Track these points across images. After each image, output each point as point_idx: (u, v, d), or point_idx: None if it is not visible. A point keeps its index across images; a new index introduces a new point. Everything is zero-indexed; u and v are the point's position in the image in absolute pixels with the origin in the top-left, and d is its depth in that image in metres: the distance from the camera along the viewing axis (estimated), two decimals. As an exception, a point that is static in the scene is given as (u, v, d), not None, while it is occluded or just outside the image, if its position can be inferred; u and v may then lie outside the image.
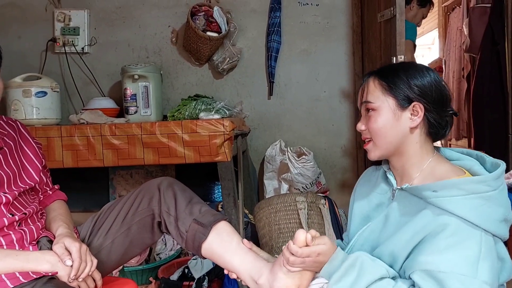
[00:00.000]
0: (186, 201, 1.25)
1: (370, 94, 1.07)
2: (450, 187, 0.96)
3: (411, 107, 1.03)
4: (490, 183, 0.96)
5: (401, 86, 1.04)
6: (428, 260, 0.92)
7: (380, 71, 1.09)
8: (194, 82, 2.80)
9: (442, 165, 1.05)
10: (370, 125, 1.07)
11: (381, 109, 1.05)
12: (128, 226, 1.29)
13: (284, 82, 2.77)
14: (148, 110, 2.42)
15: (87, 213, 2.75)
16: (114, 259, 1.33)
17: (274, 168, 2.59)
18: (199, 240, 1.22)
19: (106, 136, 2.02)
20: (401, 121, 1.04)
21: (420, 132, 1.05)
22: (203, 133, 1.99)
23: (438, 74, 1.08)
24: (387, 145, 1.06)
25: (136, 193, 1.32)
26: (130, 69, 2.41)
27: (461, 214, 0.93)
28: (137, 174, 2.79)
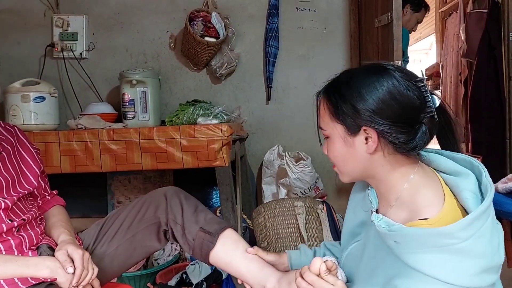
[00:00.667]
0: (192, 210, 1.27)
1: (321, 120, 0.95)
2: (410, 239, 0.82)
3: (362, 132, 0.89)
4: (456, 234, 0.79)
5: (345, 111, 0.89)
6: None
7: (327, 90, 0.95)
8: (192, 87, 2.80)
9: (419, 193, 0.88)
10: (329, 153, 0.96)
11: (332, 136, 0.93)
12: (133, 234, 1.31)
13: (282, 87, 2.77)
14: (146, 115, 2.42)
15: (85, 218, 2.75)
16: (116, 266, 1.34)
17: (272, 173, 2.60)
18: (206, 249, 1.24)
19: (104, 141, 2.02)
20: (355, 148, 0.90)
21: (383, 154, 0.89)
22: (201, 138, 1.99)
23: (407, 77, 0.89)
24: (351, 171, 0.95)
25: (142, 201, 1.34)
26: (128, 74, 2.41)
27: (427, 272, 0.80)
28: (136, 180, 2.79)
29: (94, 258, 1.24)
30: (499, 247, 0.85)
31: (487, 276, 0.82)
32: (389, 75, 0.88)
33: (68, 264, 1.10)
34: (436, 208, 0.86)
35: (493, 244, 0.83)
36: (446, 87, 4.41)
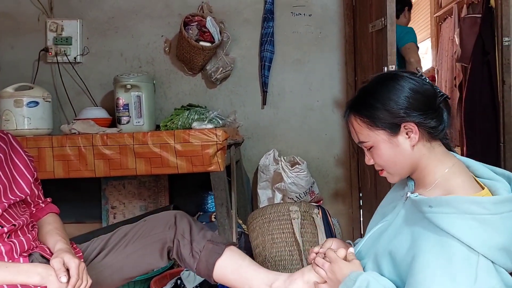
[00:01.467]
0: (199, 228, 1.35)
1: (360, 134, 1.06)
2: (444, 203, 0.93)
3: (403, 129, 1.01)
4: (487, 205, 0.90)
5: (382, 116, 1.01)
6: (420, 280, 0.89)
7: (356, 106, 1.06)
8: (187, 92, 2.79)
9: (456, 178, 1.00)
10: (376, 160, 1.06)
11: (377, 144, 1.03)
12: (138, 249, 1.33)
13: (277, 91, 2.77)
14: (141, 120, 2.41)
15: (79, 224, 2.74)
16: (117, 279, 1.35)
17: (268, 177, 2.59)
18: (214, 258, 1.27)
19: (97, 146, 2.01)
20: (401, 146, 1.02)
21: (423, 143, 1.02)
22: (195, 143, 1.98)
23: (413, 75, 1.04)
24: (401, 170, 1.05)
25: (151, 218, 1.38)
26: (122, 78, 2.40)
27: (454, 233, 0.90)
28: (130, 185, 2.77)
29: (95, 269, 1.26)
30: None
31: (506, 255, 0.90)
32: (402, 77, 1.03)
33: (62, 272, 1.09)
34: (471, 191, 0.97)
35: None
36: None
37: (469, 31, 3.10)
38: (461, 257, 0.88)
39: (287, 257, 2.07)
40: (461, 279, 0.86)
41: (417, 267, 0.90)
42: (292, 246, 2.07)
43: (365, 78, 2.36)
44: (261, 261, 2.12)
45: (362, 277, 1.00)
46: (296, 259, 2.06)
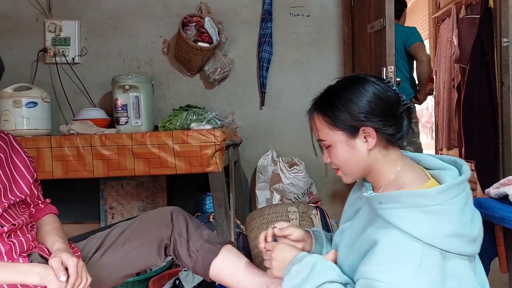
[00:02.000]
0: (196, 226, 1.35)
1: (320, 132, 1.08)
2: (392, 199, 0.96)
3: (361, 132, 1.03)
4: (432, 196, 0.93)
5: (343, 118, 1.03)
6: (369, 270, 0.93)
7: (319, 105, 1.09)
8: (185, 93, 2.80)
9: (407, 174, 1.03)
10: (332, 160, 1.08)
11: (335, 144, 1.05)
12: (136, 247, 1.32)
13: (275, 92, 2.77)
14: (139, 121, 2.41)
15: (77, 224, 2.73)
16: (115, 277, 1.35)
17: (266, 178, 2.59)
18: (210, 258, 1.28)
19: (96, 146, 2.00)
20: (357, 148, 1.04)
21: (379, 148, 1.04)
22: (194, 143, 1.98)
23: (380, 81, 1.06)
24: (355, 171, 1.08)
25: (148, 216, 1.38)
26: (121, 79, 2.40)
27: (401, 227, 0.92)
28: (128, 185, 2.77)
29: (93, 267, 1.25)
30: (474, 224, 0.98)
31: (457, 241, 0.93)
32: (368, 81, 1.05)
33: (61, 271, 1.09)
34: (421, 184, 1.01)
35: (465, 216, 0.96)
36: (440, 92, 4.44)
37: (468, 32, 3.10)
38: (407, 249, 0.91)
39: (285, 258, 2.06)
40: (405, 270, 0.90)
41: (367, 260, 0.94)
42: (291, 246, 2.06)
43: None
44: (259, 262, 2.12)
45: (309, 257, 1.05)
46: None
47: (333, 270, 1.03)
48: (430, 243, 0.91)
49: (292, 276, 1.04)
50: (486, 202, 1.36)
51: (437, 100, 4.56)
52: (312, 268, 1.02)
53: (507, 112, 2.59)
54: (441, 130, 4.45)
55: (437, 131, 4.65)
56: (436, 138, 4.71)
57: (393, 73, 1.91)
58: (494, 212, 1.29)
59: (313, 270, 1.02)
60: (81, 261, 1.15)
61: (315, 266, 1.03)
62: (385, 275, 0.90)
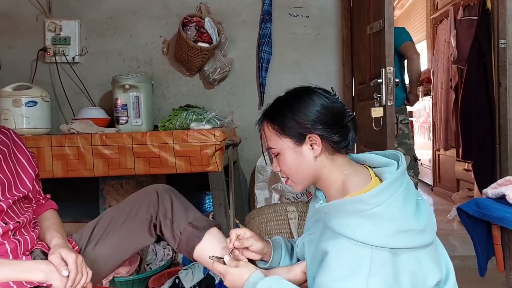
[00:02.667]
0: (182, 206, 1.34)
1: (269, 140, 1.11)
2: (333, 209, 1.00)
3: (307, 140, 1.07)
4: (368, 201, 0.96)
5: (291, 126, 1.07)
6: (323, 280, 0.95)
7: (268, 114, 1.12)
8: (185, 92, 2.80)
9: (352, 179, 1.06)
10: (281, 168, 1.11)
11: (283, 151, 1.09)
12: (127, 231, 1.33)
13: (274, 92, 2.78)
14: (139, 120, 2.42)
15: (77, 223, 2.71)
16: (110, 264, 1.36)
17: (265, 178, 2.60)
18: (193, 243, 1.28)
19: (96, 146, 2.01)
20: (304, 155, 1.07)
21: (325, 155, 1.08)
22: (194, 143, 1.99)
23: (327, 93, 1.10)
24: (303, 179, 1.11)
25: (134, 198, 1.37)
26: (121, 79, 2.40)
27: (347, 234, 0.95)
28: (128, 184, 2.77)
29: (88, 258, 1.25)
30: (419, 214, 0.99)
31: (404, 237, 0.95)
32: (316, 92, 1.10)
33: (62, 267, 1.11)
34: (361, 187, 1.03)
35: (407, 210, 0.98)
36: (437, 93, 4.46)
37: (466, 33, 3.12)
38: (355, 255, 0.94)
39: (284, 257, 2.08)
40: (356, 275, 0.92)
41: (320, 271, 0.96)
42: (290, 246, 2.08)
43: (363, 79, 2.38)
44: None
45: (263, 281, 1.05)
46: (293, 258, 2.07)
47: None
48: (376, 244, 0.93)
49: None
50: (483, 202, 1.38)
51: (435, 100, 4.58)
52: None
53: (504, 113, 2.61)
54: (438, 131, 4.47)
55: (435, 131, 4.67)
56: (434, 138, 4.74)
57: (392, 74, 1.93)
58: (492, 212, 1.30)
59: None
60: (80, 256, 1.16)
61: None
62: (338, 283, 0.92)
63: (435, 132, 4.62)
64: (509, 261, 1.39)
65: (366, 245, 0.93)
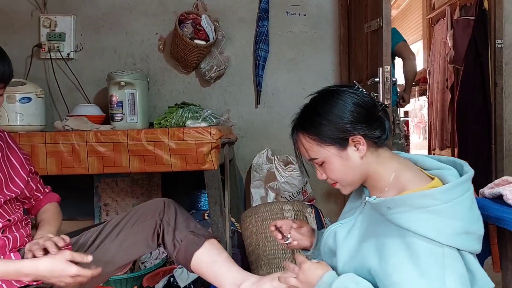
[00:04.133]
0: (185, 217, 1.39)
1: (310, 151, 1.08)
2: (400, 203, 0.96)
3: (351, 142, 1.04)
4: (437, 196, 0.94)
5: (329, 133, 1.04)
6: (396, 282, 0.92)
7: (302, 125, 1.09)
8: (181, 90, 2.79)
9: (406, 175, 1.04)
10: (329, 175, 1.09)
11: (328, 159, 1.06)
12: (131, 234, 1.35)
13: (271, 90, 2.78)
14: (135, 117, 2.40)
15: (71, 221, 2.69)
16: (110, 268, 1.35)
17: (261, 176, 2.59)
18: (192, 249, 1.31)
19: (91, 143, 1.99)
20: (350, 158, 1.05)
21: (371, 152, 1.06)
22: (190, 141, 1.97)
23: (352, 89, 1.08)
24: (353, 181, 1.08)
25: (142, 206, 1.41)
26: (116, 75, 2.39)
27: (415, 230, 0.93)
28: (123, 182, 2.76)
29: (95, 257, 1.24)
30: (480, 220, 0.99)
31: (467, 238, 0.95)
32: (343, 92, 1.07)
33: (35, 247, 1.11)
34: (421, 183, 1.01)
35: (473, 214, 0.98)
36: (433, 93, 4.47)
37: (462, 33, 3.13)
38: (426, 252, 0.91)
39: (280, 256, 2.07)
40: (431, 273, 0.90)
41: (389, 270, 0.94)
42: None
43: (359, 78, 2.38)
44: (254, 259, 2.12)
45: (339, 281, 1.01)
46: (289, 257, 2.06)
47: None
48: (446, 243, 0.92)
49: None
50: (481, 202, 1.37)
51: (430, 100, 4.59)
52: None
53: (500, 113, 2.61)
54: (434, 130, 4.48)
55: (430, 131, 4.68)
56: (429, 138, 4.75)
57: (389, 73, 1.92)
58: (489, 212, 1.30)
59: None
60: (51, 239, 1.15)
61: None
62: (414, 284, 0.90)
63: (431, 132, 4.63)
64: (505, 261, 1.39)
65: (436, 243, 0.92)
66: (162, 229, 1.35)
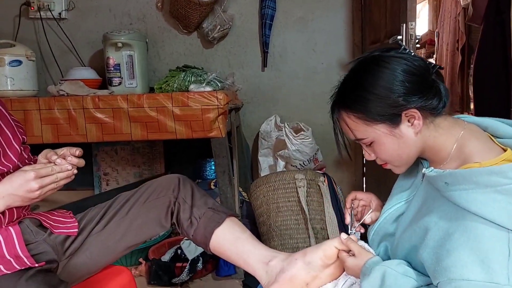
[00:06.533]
0: (201, 194, 1.27)
1: (356, 131, 0.93)
2: (461, 179, 0.82)
3: (404, 117, 0.89)
4: (510, 174, 0.78)
5: (379, 109, 0.89)
6: (450, 268, 0.78)
7: (344, 102, 0.94)
8: (182, 52, 2.62)
9: (471, 144, 0.89)
10: (379, 156, 0.95)
11: (377, 139, 0.92)
12: (142, 212, 1.23)
13: (279, 52, 2.61)
14: (134, 82, 2.27)
15: (70, 191, 2.59)
16: (119, 247, 1.24)
17: (270, 144, 2.47)
18: (213, 226, 1.19)
19: (89, 109, 1.87)
20: (404, 135, 0.91)
21: (427, 126, 0.90)
22: (195, 106, 1.85)
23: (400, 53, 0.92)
24: (407, 160, 0.95)
25: (154, 182, 1.29)
26: (113, 36, 2.24)
27: (478, 212, 0.78)
28: (123, 151, 2.64)
29: (97, 238, 1.19)
30: None
31: None
32: (389, 58, 0.91)
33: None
34: (489, 155, 0.86)
35: None
36: (442, 55, 4.29)
37: (482, -12, 2.93)
38: (490, 237, 0.78)
39: (292, 226, 1.98)
40: (492, 261, 0.77)
41: (444, 253, 0.80)
42: (298, 215, 1.97)
43: (375, 38, 2.21)
44: (265, 230, 2.03)
45: (378, 268, 0.90)
46: (302, 228, 1.97)
47: (408, 277, 0.87)
48: (508, 227, 0.77)
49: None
50: None
51: (439, 63, 4.42)
52: (383, 282, 0.88)
53: (521, 76, 2.46)
54: (442, 95, 4.34)
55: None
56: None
57: (414, 30, 1.76)
58: None
59: (384, 284, 0.88)
60: None
61: (385, 278, 0.88)
62: (473, 273, 0.76)
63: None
64: None
65: (502, 228, 0.77)
66: (177, 206, 1.22)
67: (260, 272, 1.11)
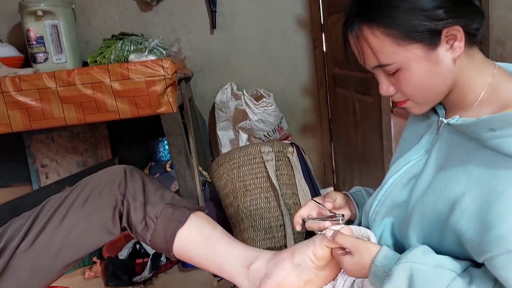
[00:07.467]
0: (156, 186, 1.02)
1: (381, 54, 0.74)
2: (505, 123, 0.66)
3: (443, 37, 0.71)
4: None
5: (416, 23, 0.70)
6: (506, 235, 0.63)
7: (370, 13, 0.73)
8: (116, 18, 2.32)
9: (508, 85, 0.74)
10: (402, 88, 0.77)
11: (408, 64, 0.73)
12: (82, 218, 0.96)
13: (228, 11, 2.35)
14: (62, 56, 1.99)
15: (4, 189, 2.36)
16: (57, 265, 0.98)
17: (228, 116, 2.24)
18: (175, 226, 0.95)
19: (9, 92, 1.62)
20: (441, 61, 0.73)
21: (464, 54, 0.74)
22: (137, 79, 1.62)
23: None
24: (436, 95, 0.77)
25: (92, 178, 1.02)
26: (30, 3, 1.92)
27: None
28: (61, 138, 2.33)
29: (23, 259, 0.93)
30: None
31: None
32: None
33: None
34: None
35: None
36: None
37: None
38: None
39: (263, 205, 1.79)
40: None
41: (494, 217, 0.64)
42: (268, 192, 1.79)
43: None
44: (233, 212, 1.83)
45: (400, 266, 0.70)
46: (273, 205, 1.79)
47: (442, 268, 0.69)
48: None
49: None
50: None
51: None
52: (411, 282, 0.69)
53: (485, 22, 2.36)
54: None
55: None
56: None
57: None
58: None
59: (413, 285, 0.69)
60: None
61: (414, 277, 0.69)
62: None
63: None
64: None
65: None
66: (126, 206, 0.97)
67: (240, 279, 0.89)
